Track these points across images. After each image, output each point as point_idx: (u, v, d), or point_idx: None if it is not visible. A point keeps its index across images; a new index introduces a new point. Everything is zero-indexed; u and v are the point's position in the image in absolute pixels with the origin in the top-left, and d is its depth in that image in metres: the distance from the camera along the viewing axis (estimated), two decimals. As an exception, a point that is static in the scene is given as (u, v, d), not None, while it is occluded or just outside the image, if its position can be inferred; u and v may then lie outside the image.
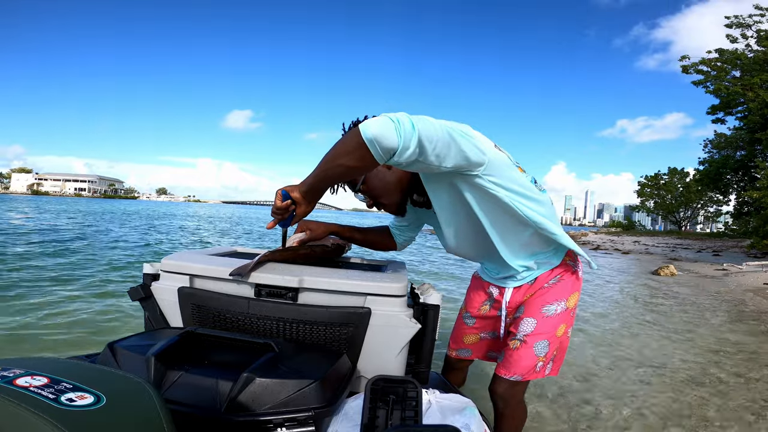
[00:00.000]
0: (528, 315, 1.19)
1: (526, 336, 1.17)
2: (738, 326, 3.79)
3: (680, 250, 16.32)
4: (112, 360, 0.85)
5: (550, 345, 1.17)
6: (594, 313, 4.00)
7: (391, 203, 1.16)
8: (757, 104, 13.75)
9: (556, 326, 1.18)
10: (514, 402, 1.21)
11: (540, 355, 1.16)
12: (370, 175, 1.11)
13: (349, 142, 0.82)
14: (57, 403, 0.45)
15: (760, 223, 14.14)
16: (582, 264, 1.28)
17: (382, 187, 1.13)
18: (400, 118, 0.81)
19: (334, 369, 0.89)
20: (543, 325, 1.17)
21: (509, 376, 1.17)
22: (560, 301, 1.19)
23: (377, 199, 1.14)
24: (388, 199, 1.15)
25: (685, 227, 43.19)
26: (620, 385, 2.20)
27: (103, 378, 0.56)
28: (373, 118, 0.82)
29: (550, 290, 1.20)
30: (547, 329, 1.17)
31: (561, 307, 1.19)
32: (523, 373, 1.16)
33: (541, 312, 1.18)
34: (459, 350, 1.42)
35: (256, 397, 0.77)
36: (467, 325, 1.39)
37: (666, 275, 7.82)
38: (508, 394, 1.19)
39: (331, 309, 1.01)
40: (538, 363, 1.17)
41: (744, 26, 14.89)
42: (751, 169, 18.35)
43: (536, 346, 1.16)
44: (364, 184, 1.13)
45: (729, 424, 1.81)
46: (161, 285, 1.12)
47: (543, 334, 1.16)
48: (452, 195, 1.03)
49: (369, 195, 1.15)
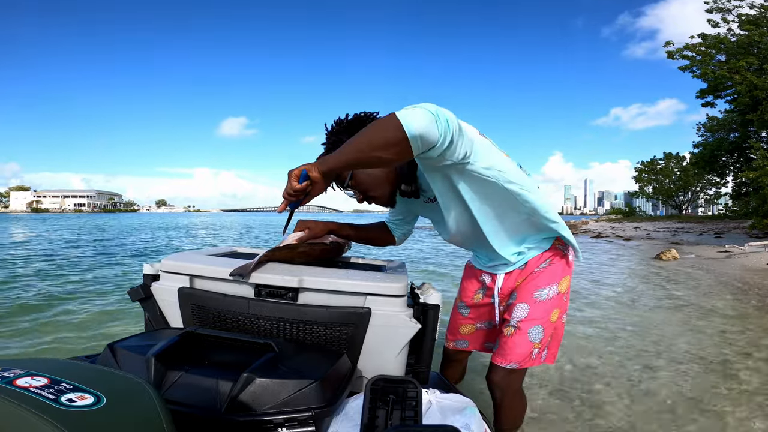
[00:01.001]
0: (521, 300, 1.18)
1: (520, 322, 1.16)
2: (743, 307, 3.77)
3: (682, 234, 16.26)
4: (112, 360, 0.85)
5: (544, 330, 1.17)
6: (595, 300, 3.99)
7: (380, 195, 1.15)
8: (745, 86, 13.83)
9: (549, 311, 1.18)
10: (512, 391, 1.20)
11: (535, 341, 1.16)
12: (357, 171, 1.10)
13: (390, 136, 0.79)
14: (57, 404, 0.46)
15: (760, 203, 14.13)
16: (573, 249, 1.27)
17: (371, 181, 1.12)
18: (439, 114, 0.81)
19: (334, 369, 0.89)
20: (536, 311, 1.17)
21: (505, 364, 1.16)
22: (552, 285, 1.18)
23: (366, 192, 1.14)
24: (377, 192, 1.14)
25: (686, 211, 43.25)
26: (626, 372, 2.19)
27: (103, 378, 0.56)
28: (409, 110, 0.80)
29: (541, 274, 1.19)
30: (541, 314, 1.16)
31: (553, 291, 1.18)
32: (519, 360, 1.15)
33: (533, 297, 1.17)
34: (456, 341, 1.42)
35: (257, 398, 0.77)
36: (462, 315, 1.39)
37: (668, 259, 7.80)
38: (505, 382, 1.18)
39: (331, 309, 1.01)
40: (534, 350, 1.16)
41: (724, 11, 15.04)
42: (746, 150, 18.33)
43: (530, 332, 1.16)
44: (353, 179, 1.11)
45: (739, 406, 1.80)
46: (161, 285, 1.12)
47: (537, 320, 1.16)
48: (445, 182, 1.03)
49: (358, 190, 1.14)
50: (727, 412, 1.76)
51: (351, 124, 1.09)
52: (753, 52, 14.13)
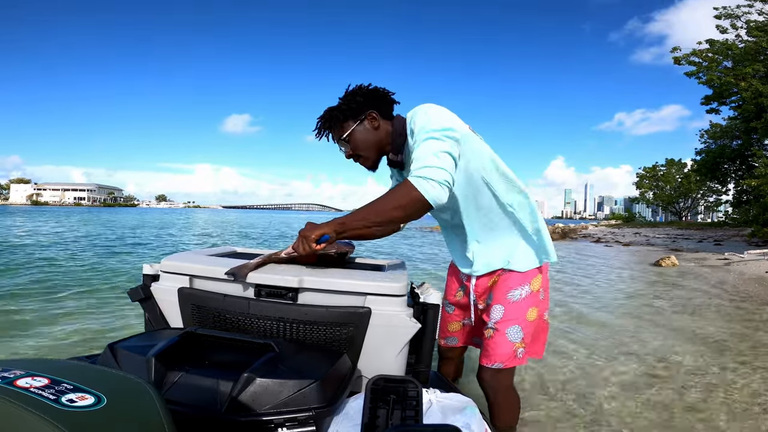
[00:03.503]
0: (496, 302, 1.23)
1: (497, 323, 1.21)
2: (741, 315, 3.77)
3: (681, 241, 16.28)
4: (113, 361, 0.85)
5: (523, 330, 1.21)
6: (594, 305, 3.99)
7: (368, 157, 1.22)
8: (751, 93, 13.77)
9: (525, 310, 1.21)
10: (503, 389, 1.24)
11: (515, 341, 1.20)
12: (356, 130, 1.18)
13: (409, 204, 1.00)
14: (57, 404, 0.45)
15: (760, 211, 14.15)
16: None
17: (363, 144, 1.19)
18: (447, 180, 1.00)
19: (335, 369, 0.89)
20: (511, 311, 1.21)
21: (490, 365, 1.21)
22: (524, 285, 1.22)
23: (356, 151, 1.20)
24: (366, 153, 1.21)
25: (686, 218, 43.29)
26: (623, 377, 2.19)
27: (104, 379, 0.56)
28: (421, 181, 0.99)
29: (511, 275, 1.23)
30: (516, 315, 1.21)
31: (525, 291, 1.22)
32: (503, 360, 1.20)
33: (507, 298, 1.22)
34: (447, 339, 1.46)
35: (257, 398, 0.77)
36: (448, 312, 1.43)
37: (667, 266, 7.80)
38: (495, 381, 1.23)
39: (331, 309, 1.01)
40: (518, 349, 1.20)
41: (733, 17, 14.95)
42: (748, 158, 18.32)
43: (508, 332, 1.20)
44: (350, 135, 1.18)
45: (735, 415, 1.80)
46: (161, 286, 1.11)
47: (513, 320, 1.20)
48: None
49: (350, 147, 1.20)
50: (723, 421, 1.77)
51: (371, 93, 1.18)
52: (760, 59, 14.08)
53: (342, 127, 1.18)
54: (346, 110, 1.17)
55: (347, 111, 1.17)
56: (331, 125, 1.19)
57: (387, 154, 1.23)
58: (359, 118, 1.17)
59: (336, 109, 1.18)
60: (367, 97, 1.18)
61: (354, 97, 1.18)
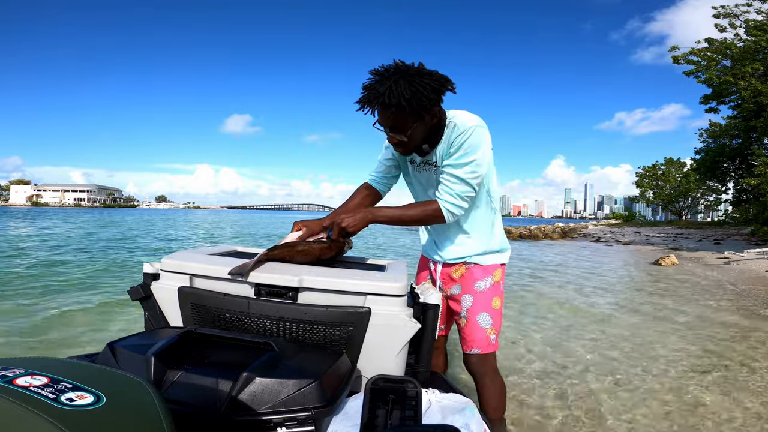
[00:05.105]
0: (464, 292, 1.36)
1: (468, 311, 1.35)
2: (741, 314, 3.78)
3: (681, 240, 16.31)
4: (112, 359, 0.85)
5: (491, 316, 1.34)
6: (593, 304, 3.99)
7: (409, 147, 1.22)
8: (750, 92, 13.77)
9: (490, 299, 1.35)
10: (489, 372, 1.35)
11: (486, 327, 1.33)
12: (417, 127, 1.15)
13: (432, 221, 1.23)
14: (57, 403, 0.45)
15: (760, 210, 14.17)
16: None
17: (417, 137, 1.19)
18: (469, 196, 1.20)
19: (334, 369, 0.89)
20: (479, 300, 1.34)
21: (469, 351, 1.35)
22: (487, 277, 1.36)
23: (407, 142, 1.18)
24: (412, 144, 1.21)
25: (686, 217, 43.35)
26: (622, 376, 2.20)
27: (103, 378, 0.56)
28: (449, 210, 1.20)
29: (477, 268, 1.36)
30: (484, 303, 1.34)
31: (489, 282, 1.35)
32: (480, 346, 1.33)
33: (474, 288, 1.35)
34: None
35: (256, 397, 0.76)
36: None
37: (667, 265, 7.81)
38: (478, 365, 1.34)
39: (330, 309, 1.01)
40: (490, 335, 1.33)
41: (732, 16, 14.93)
42: (748, 157, 18.27)
43: (479, 318, 1.33)
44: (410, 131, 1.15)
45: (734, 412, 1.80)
46: (161, 285, 1.11)
47: (482, 309, 1.34)
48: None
49: (403, 136, 1.16)
50: (724, 420, 1.76)
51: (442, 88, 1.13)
52: (759, 58, 14.09)
53: (404, 121, 1.12)
54: (417, 107, 1.08)
55: (417, 107, 1.08)
56: (395, 114, 1.10)
57: (423, 144, 1.23)
58: (424, 116, 1.12)
59: (405, 99, 1.06)
60: (439, 93, 1.12)
61: (395, 77, 1.07)
